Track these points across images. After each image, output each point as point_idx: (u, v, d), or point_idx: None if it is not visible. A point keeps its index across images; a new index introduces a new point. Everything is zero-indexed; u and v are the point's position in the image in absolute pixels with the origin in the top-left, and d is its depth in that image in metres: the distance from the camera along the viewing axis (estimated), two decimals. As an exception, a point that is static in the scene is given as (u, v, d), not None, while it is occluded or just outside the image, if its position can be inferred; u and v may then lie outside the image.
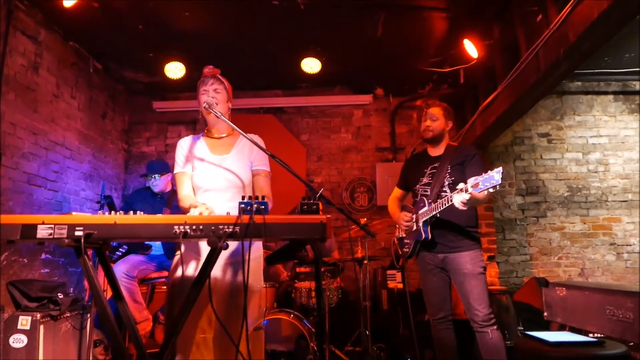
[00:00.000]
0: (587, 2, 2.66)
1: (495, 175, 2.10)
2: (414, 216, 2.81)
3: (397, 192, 3.12)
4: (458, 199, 2.32)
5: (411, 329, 3.29)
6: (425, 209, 2.70)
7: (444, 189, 2.72)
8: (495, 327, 2.54)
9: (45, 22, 4.08)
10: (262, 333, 2.12)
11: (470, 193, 2.24)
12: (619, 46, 4.37)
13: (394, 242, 3.10)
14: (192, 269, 2.04)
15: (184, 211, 2.04)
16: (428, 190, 2.78)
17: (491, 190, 2.17)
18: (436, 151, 2.89)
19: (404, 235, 2.94)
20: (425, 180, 2.84)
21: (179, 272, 2.03)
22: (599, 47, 2.93)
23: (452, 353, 2.73)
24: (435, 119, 2.85)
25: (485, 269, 2.66)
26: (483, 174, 2.18)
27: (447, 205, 2.46)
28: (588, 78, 5.48)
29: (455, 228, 2.69)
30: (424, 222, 2.69)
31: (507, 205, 5.52)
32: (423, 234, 2.69)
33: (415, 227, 2.79)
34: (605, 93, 5.67)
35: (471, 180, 2.24)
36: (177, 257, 2.10)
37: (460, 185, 2.33)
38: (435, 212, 2.59)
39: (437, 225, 2.70)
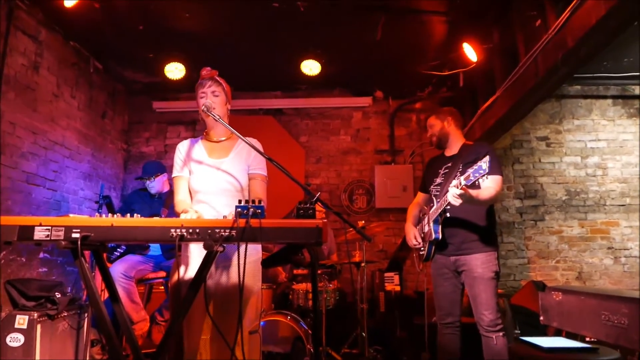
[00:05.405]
0: (585, 8, 2.66)
1: (482, 165, 2.12)
2: (426, 217, 2.79)
3: (418, 196, 3.08)
4: (450, 194, 2.33)
5: (408, 332, 3.28)
6: (434, 208, 2.68)
7: None
8: (500, 333, 2.49)
9: (46, 21, 4.09)
10: (258, 337, 2.12)
11: (462, 187, 2.24)
12: (618, 51, 4.37)
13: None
14: (191, 272, 2.04)
15: (178, 216, 2.04)
16: (439, 190, 2.77)
17: (481, 180, 2.17)
18: (451, 151, 2.89)
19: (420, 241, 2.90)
20: (438, 180, 2.83)
21: (176, 276, 2.04)
22: (597, 52, 2.94)
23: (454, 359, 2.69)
24: (431, 126, 2.93)
25: (497, 273, 2.59)
26: (474, 165, 2.18)
27: (448, 202, 2.43)
28: (587, 82, 5.46)
29: (468, 226, 2.64)
30: (434, 221, 2.65)
31: (506, 208, 5.52)
32: (433, 234, 2.65)
33: (427, 229, 2.75)
34: (604, 97, 5.67)
35: (465, 174, 2.25)
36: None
37: (455, 182, 2.32)
38: (441, 210, 2.56)
39: (448, 225, 2.66)
